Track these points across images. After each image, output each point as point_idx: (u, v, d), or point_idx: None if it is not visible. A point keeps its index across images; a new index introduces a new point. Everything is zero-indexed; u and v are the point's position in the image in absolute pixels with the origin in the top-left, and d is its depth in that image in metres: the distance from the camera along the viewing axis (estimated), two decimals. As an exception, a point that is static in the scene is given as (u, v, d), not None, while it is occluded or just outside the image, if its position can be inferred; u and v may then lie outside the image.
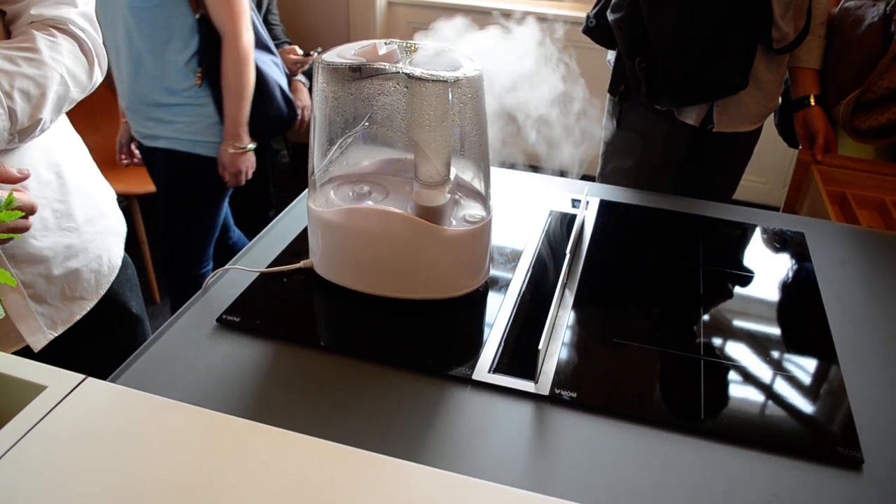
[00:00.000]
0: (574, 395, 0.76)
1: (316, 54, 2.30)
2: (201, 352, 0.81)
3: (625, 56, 1.38)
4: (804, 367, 0.84)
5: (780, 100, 1.54)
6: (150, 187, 2.18)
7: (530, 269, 0.97)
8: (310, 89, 2.56)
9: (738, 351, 0.85)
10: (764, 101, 1.45)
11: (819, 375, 0.83)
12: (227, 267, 0.95)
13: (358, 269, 0.88)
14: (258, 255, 0.99)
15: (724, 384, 0.80)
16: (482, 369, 0.79)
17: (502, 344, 0.83)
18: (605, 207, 1.16)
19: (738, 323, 0.91)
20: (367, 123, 0.81)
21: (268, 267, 0.95)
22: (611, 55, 1.54)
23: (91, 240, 0.96)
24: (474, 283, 0.90)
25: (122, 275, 1.05)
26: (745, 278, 1.00)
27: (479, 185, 0.90)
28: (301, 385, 0.77)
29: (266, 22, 2.49)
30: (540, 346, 0.76)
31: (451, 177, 0.87)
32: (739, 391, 0.79)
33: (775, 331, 0.90)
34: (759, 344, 0.87)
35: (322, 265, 0.91)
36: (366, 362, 0.80)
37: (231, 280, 0.93)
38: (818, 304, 0.95)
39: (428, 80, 0.76)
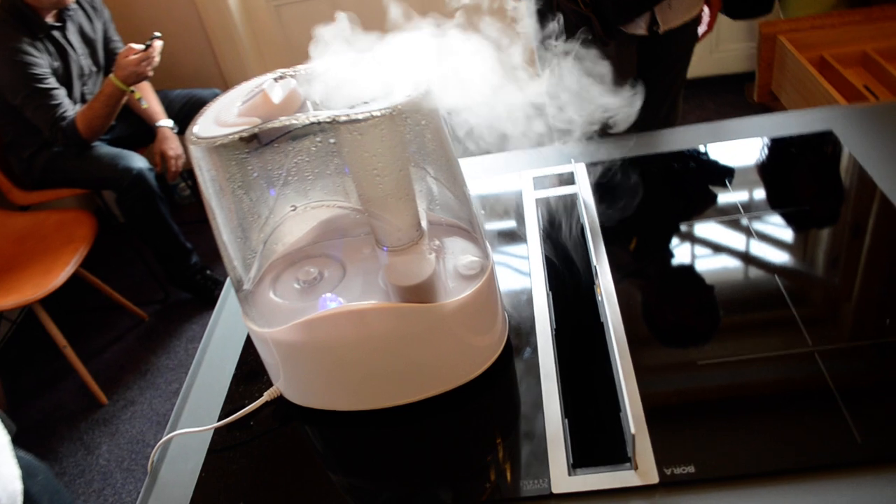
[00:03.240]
0: (691, 468, 0.56)
1: (157, 41, 1.91)
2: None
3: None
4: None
5: None
6: (45, 288, 1.87)
7: (550, 297, 0.75)
8: (181, 133, 2.17)
9: (851, 324, 0.66)
10: None
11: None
12: (169, 436, 0.70)
13: (345, 386, 0.65)
14: (200, 402, 0.73)
15: (863, 378, 0.61)
16: (559, 473, 0.58)
17: (565, 423, 0.62)
18: (596, 174, 0.94)
19: (830, 283, 0.72)
20: (293, 209, 0.56)
21: (222, 415, 0.70)
22: None
23: None
24: (494, 350, 0.67)
25: None
26: (803, 217, 0.81)
27: (463, 221, 0.67)
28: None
29: (112, 53, 2.12)
30: (633, 430, 0.55)
31: (424, 224, 0.63)
32: (887, 383, 0.60)
33: (877, 281, 0.71)
34: (869, 305, 0.68)
35: (293, 392, 0.68)
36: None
37: (182, 450, 0.69)
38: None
39: (360, 120, 0.52)
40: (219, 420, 0.70)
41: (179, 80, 2.49)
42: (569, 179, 0.91)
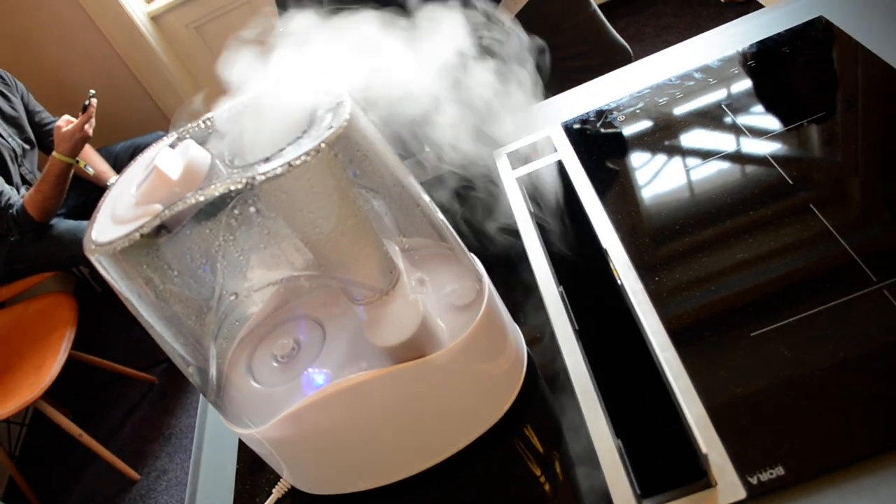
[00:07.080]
0: (779, 470, 0.47)
1: (93, 100, 1.77)
2: None
3: None
4: None
5: None
6: (41, 384, 1.78)
7: (563, 294, 0.65)
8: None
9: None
10: None
11: None
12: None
13: (359, 465, 0.56)
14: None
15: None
16: (627, 511, 0.49)
17: (619, 445, 0.53)
18: (577, 132, 0.83)
19: (867, 196, 0.62)
20: (234, 297, 0.46)
21: (233, 525, 0.61)
22: None
23: None
24: (516, 378, 0.58)
25: None
26: (825, 128, 0.71)
27: (435, 237, 0.57)
28: None
29: (41, 126, 1.98)
30: (703, 447, 0.46)
31: (399, 262, 0.53)
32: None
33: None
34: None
35: (304, 482, 0.58)
36: None
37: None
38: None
39: (279, 176, 0.41)
40: (232, 530, 0.61)
41: (121, 131, 2.36)
42: (548, 146, 0.81)
